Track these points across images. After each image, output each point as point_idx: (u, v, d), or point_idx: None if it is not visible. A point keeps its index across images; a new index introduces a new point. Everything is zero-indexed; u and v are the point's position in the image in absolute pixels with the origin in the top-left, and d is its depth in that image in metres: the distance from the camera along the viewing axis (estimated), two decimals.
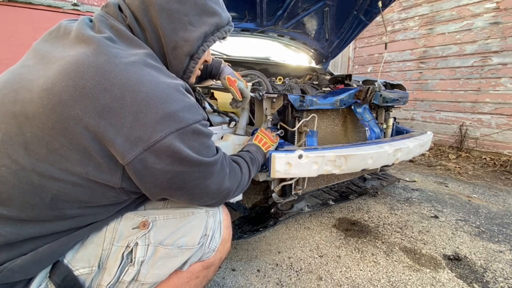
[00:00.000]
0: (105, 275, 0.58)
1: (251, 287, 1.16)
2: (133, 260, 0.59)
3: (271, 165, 1.11)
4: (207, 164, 0.60)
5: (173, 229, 0.65)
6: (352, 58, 5.21)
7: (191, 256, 0.67)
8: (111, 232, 0.61)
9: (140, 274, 0.60)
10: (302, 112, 1.39)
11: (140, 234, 0.61)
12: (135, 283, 0.60)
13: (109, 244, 0.60)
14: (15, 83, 0.51)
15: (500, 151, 3.25)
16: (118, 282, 0.58)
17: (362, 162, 1.28)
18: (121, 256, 0.59)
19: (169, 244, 0.63)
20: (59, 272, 0.54)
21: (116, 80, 0.48)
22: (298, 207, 1.54)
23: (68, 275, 0.55)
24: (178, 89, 0.56)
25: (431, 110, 3.93)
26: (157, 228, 0.64)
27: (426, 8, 3.89)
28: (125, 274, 0.59)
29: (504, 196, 2.21)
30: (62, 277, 0.54)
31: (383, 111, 1.92)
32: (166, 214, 0.67)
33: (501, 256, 1.39)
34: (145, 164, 0.51)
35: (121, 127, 0.48)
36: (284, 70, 2.29)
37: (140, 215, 0.66)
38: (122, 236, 0.61)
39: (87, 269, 0.57)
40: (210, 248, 0.70)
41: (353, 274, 1.24)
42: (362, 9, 2.15)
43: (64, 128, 0.47)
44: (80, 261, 0.57)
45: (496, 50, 3.22)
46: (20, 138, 0.47)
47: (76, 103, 0.47)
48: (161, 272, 0.63)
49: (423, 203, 2.01)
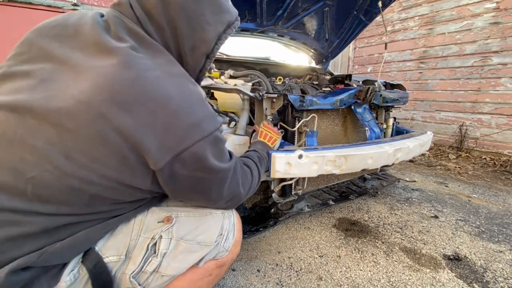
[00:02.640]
0: (130, 264, 0.63)
1: (251, 287, 1.16)
2: (156, 252, 0.64)
3: (271, 165, 1.11)
4: (225, 170, 0.65)
5: (193, 226, 0.70)
6: (352, 58, 5.22)
7: (208, 253, 0.71)
8: (138, 224, 0.66)
9: (161, 266, 0.64)
10: (302, 112, 1.39)
11: (165, 228, 0.66)
12: (156, 275, 0.64)
13: (136, 235, 0.64)
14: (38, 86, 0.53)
15: (500, 151, 3.25)
16: (141, 272, 0.63)
17: (362, 162, 1.28)
18: (146, 247, 0.63)
19: (189, 239, 0.68)
20: (91, 258, 0.59)
21: (149, 94, 0.53)
22: (298, 207, 1.54)
23: (99, 261, 0.59)
24: (200, 99, 0.60)
25: (431, 110, 3.93)
26: (179, 224, 0.69)
27: (426, 8, 3.89)
28: (148, 265, 0.63)
29: (504, 196, 2.21)
30: (94, 263, 0.58)
31: (383, 111, 1.92)
32: (187, 212, 0.72)
33: (501, 256, 1.39)
34: (173, 170, 0.57)
35: (155, 138, 0.53)
36: (284, 70, 2.29)
37: (165, 210, 0.71)
38: (149, 229, 0.66)
39: (116, 257, 0.61)
40: (224, 247, 0.75)
41: (353, 274, 1.24)
42: (362, 9, 2.15)
43: (104, 139, 0.51)
44: (110, 249, 0.61)
45: (496, 50, 3.22)
46: (61, 147, 0.50)
47: (116, 117, 0.51)
48: (181, 265, 0.67)
49: (423, 203, 2.02)
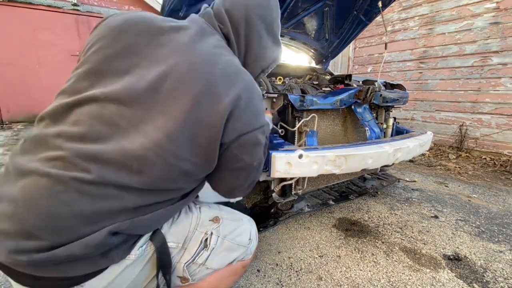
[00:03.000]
0: (186, 253, 0.71)
1: (251, 287, 1.16)
2: (207, 246, 0.73)
3: (271, 165, 1.11)
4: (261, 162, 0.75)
5: (232, 228, 0.80)
6: (352, 58, 5.21)
7: (241, 253, 0.80)
8: (195, 219, 0.75)
9: (208, 259, 0.73)
10: (302, 112, 1.39)
11: (215, 226, 0.76)
12: (202, 267, 0.73)
13: (194, 228, 0.73)
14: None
15: (500, 151, 3.25)
16: (192, 263, 0.71)
17: (362, 162, 1.28)
18: (201, 241, 0.72)
19: (231, 239, 0.77)
20: (158, 238, 0.66)
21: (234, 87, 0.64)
22: (298, 207, 1.54)
23: (164, 243, 0.67)
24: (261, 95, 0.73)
25: (431, 110, 3.93)
26: (224, 225, 0.78)
27: (426, 8, 3.89)
28: (199, 257, 0.72)
29: (504, 196, 2.21)
30: (160, 243, 0.66)
31: (383, 111, 1.92)
32: (226, 215, 0.82)
33: (501, 256, 1.39)
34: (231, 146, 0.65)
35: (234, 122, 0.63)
36: (284, 70, 2.29)
37: (212, 211, 0.81)
38: (203, 225, 0.75)
39: (175, 244, 0.70)
40: (251, 250, 0.84)
41: (353, 274, 1.24)
42: (362, 9, 2.15)
43: (199, 123, 0.60)
44: (172, 235, 0.69)
45: (496, 50, 3.22)
46: (165, 130, 0.58)
47: (210, 105, 0.61)
48: (222, 261, 0.76)
49: (423, 203, 2.01)
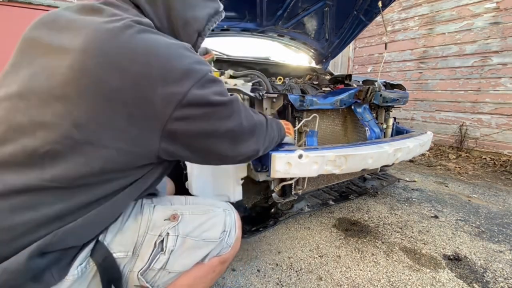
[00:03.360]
0: (138, 261, 0.64)
1: (251, 287, 1.16)
2: (164, 249, 0.65)
3: (271, 165, 1.11)
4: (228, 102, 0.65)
5: (198, 223, 0.72)
6: (352, 58, 5.22)
7: (213, 249, 0.73)
8: (145, 221, 0.67)
9: (168, 262, 0.66)
10: (302, 112, 1.39)
11: (171, 225, 0.68)
12: (163, 272, 0.66)
13: (144, 232, 0.65)
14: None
15: (500, 151, 3.25)
16: (149, 269, 0.64)
17: (362, 162, 1.28)
18: (154, 244, 0.65)
19: (195, 236, 0.70)
20: (100, 252, 0.59)
21: (138, 49, 0.54)
22: (298, 207, 1.54)
23: (108, 256, 0.60)
24: (186, 47, 0.62)
25: (431, 110, 3.93)
26: (185, 221, 0.70)
27: (426, 8, 3.89)
28: (156, 262, 0.64)
29: (504, 196, 2.21)
30: (103, 258, 0.59)
31: (383, 111, 1.92)
32: (191, 210, 0.74)
33: (501, 256, 1.39)
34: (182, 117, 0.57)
35: (155, 88, 0.54)
36: (284, 70, 2.29)
37: (170, 208, 0.72)
38: (156, 226, 0.67)
39: (123, 254, 0.62)
40: (228, 243, 0.77)
41: (353, 274, 1.24)
42: (362, 9, 2.14)
43: (107, 101, 0.52)
44: (118, 245, 0.62)
45: (496, 50, 3.22)
46: (68, 117, 0.51)
47: (113, 78, 0.52)
48: (187, 262, 0.69)
49: (423, 203, 2.02)
